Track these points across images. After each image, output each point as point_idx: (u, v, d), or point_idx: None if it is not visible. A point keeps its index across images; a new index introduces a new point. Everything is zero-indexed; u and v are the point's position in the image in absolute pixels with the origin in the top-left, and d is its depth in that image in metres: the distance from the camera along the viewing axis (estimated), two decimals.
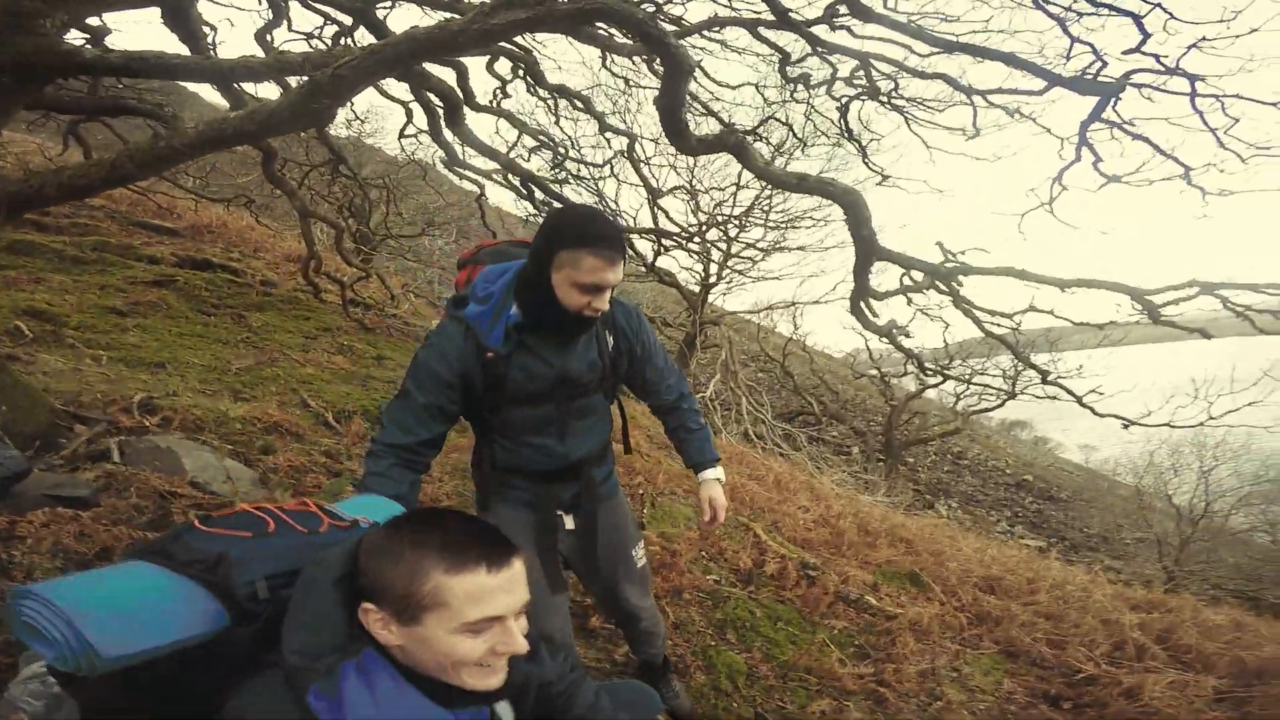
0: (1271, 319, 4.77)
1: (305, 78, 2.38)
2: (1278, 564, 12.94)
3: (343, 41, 5.84)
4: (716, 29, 5.94)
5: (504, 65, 7.30)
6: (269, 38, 5.54)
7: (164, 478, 2.72)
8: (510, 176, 7.63)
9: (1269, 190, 5.70)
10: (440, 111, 5.98)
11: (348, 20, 5.60)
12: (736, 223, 10.48)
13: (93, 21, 4.37)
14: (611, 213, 9.42)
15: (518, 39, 6.41)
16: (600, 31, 5.41)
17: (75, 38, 3.41)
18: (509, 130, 8.10)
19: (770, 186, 9.32)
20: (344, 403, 4.30)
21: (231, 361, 4.67)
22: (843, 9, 5.10)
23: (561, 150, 8.41)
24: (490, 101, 7.52)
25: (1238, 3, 4.52)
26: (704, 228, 10.29)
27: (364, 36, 5.52)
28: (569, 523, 1.89)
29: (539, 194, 7.60)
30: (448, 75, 5.84)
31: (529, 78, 7.12)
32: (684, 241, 10.01)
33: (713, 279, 11.01)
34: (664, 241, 9.78)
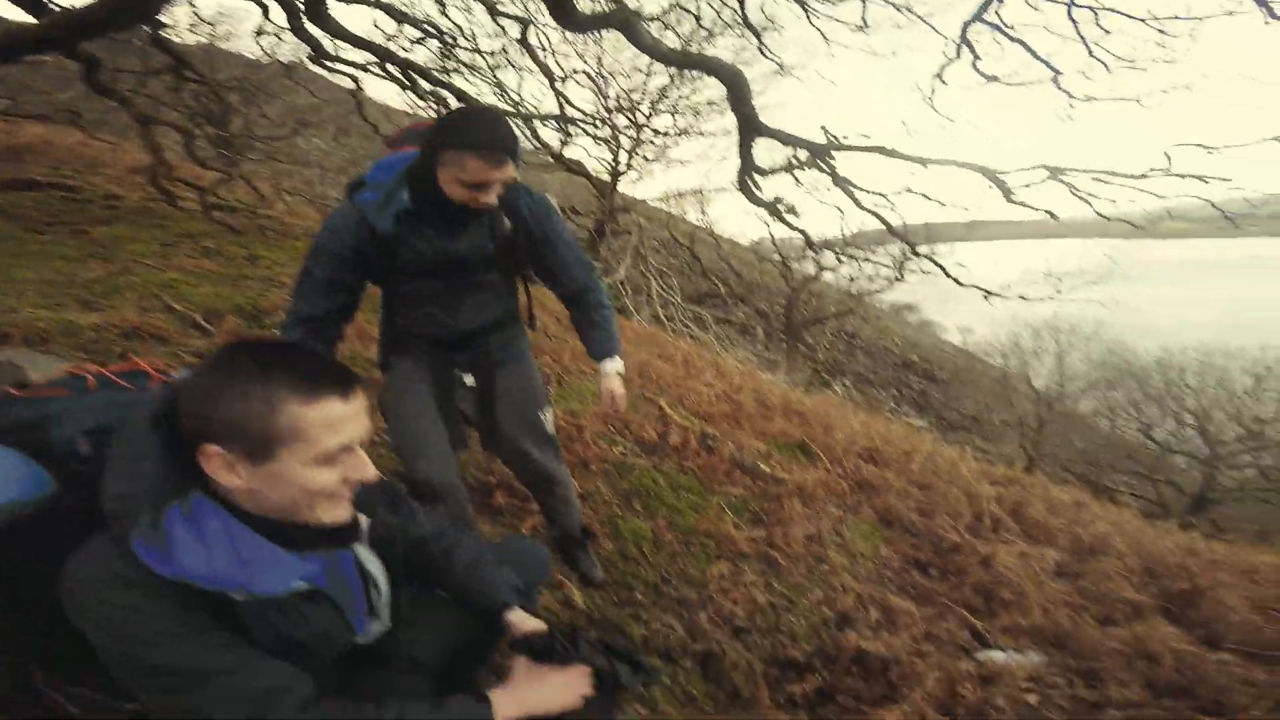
0: (1111, 205, 5.44)
1: None
2: (1113, 450, 14.76)
3: None
4: None
5: None
6: None
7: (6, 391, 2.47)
8: (389, 68, 7.18)
9: (1129, 100, 6.40)
10: (300, 5, 5.44)
11: None
12: (645, 111, 10.59)
13: None
14: (513, 102, 9.13)
15: None
16: None
17: None
18: (391, 24, 7.49)
19: (676, 71, 9.40)
20: (214, 303, 4.00)
21: (78, 274, 4.21)
22: None
23: (450, 39, 7.89)
24: None
25: None
26: (611, 114, 10.29)
27: None
28: (469, 380, 1.98)
29: (424, 84, 7.14)
30: None
31: None
32: (590, 128, 9.82)
33: (622, 167, 11.12)
34: (569, 128, 9.55)
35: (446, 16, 7.83)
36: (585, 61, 9.76)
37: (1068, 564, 3.01)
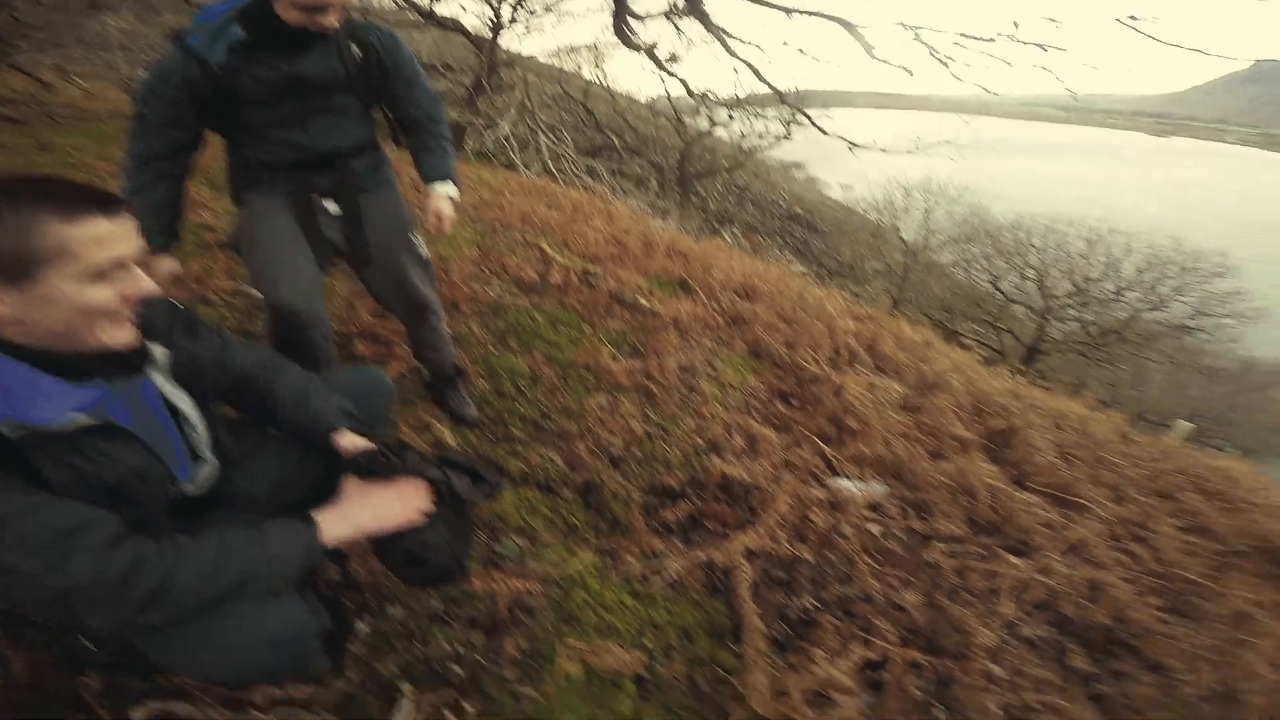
0: (967, 70, 5.77)
1: None
2: (965, 298, 16.17)
3: None
4: None
5: None
6: None
7: None
8: None
9: None
10: None
11: None
12: None
13: None
14: None
15: None
16: None
17: None
18: None
19: None
20: None
21: None
22: None
23: None
24: None
25: None
26: None
27: None
28: (333, 208, 1.93)
29: None
30: None
31: None
32: None
33: (505, 21, 9.98)
34: None
35: None
36: None
37: (910, 398, 3.16)
